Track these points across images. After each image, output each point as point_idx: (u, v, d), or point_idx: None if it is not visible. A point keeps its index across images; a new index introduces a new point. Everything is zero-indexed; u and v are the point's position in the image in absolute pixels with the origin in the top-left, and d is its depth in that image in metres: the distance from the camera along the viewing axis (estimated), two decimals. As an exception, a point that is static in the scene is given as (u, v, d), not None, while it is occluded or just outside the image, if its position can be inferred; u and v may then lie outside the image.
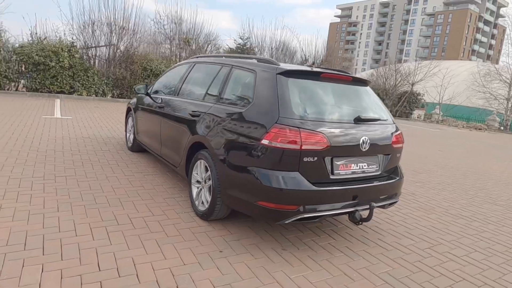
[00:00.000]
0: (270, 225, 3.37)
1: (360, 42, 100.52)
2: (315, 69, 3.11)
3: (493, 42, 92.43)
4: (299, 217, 2.63)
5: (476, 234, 3.76)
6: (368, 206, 2.88)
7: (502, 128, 23.20)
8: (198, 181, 3.41)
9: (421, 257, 3.08)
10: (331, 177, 2.75)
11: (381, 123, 3.15)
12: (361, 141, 2.86)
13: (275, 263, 2.70)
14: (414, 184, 5.69)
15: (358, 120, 2.93)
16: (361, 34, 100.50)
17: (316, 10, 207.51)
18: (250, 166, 2.71)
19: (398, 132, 3.28)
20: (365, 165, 2.98)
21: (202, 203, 3.29)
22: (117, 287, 2.19)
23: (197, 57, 4.46)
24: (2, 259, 2.34)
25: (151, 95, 4.81)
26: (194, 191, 3.45)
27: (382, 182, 3.09)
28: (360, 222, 2.93)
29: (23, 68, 12.58)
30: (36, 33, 12.78)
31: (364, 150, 2.89)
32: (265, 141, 2.62)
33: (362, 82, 3.41)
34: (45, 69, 12.44)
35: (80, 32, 13.68)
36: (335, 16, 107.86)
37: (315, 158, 2.64)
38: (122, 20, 14.03)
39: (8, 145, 5.22)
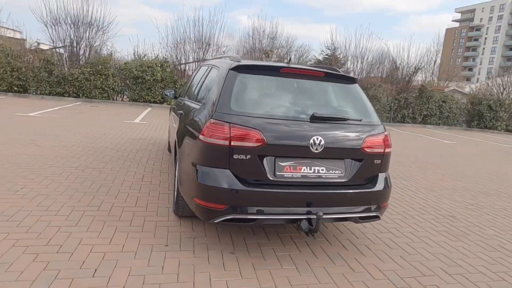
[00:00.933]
0: (239, 228, 3.25)
1: (484, 48, 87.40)
2: (274, 64, 2.91)
3: None
4: (227, 217, 2.48)
5: (502, 272, 2.91)
6: (322, 215, 2.53)
7: None
8: (178, 178, 3.52)
9: (392, 285, 2.55)
10: (271, 178, 2.53)
11: (349, 123, 2.75)
12: (311, 141, 2.54)
13: (209, 264, 2.60)
14: (467, 206, 4.69)
15: (314, 119, 2.62)
16: (485, 39, 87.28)
17: (432, 16, 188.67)
18: (192, 162, 2.69)
19: (378, 135, 2.81)
20: (322, 170, 2.64)
21: (176, 199, 3.38)
22: (47, 260, 2.43)
23: (205, 60, 4.64)
24: (7, 224, 2.84)
25: (178, 98, 5.16)
26: (175, 187, 3.57)
27: (349, 191, 2.68)
28: (311, 233, 2.60)
29: (126, 82, 14.80)
30: (137, 52, 14.96)
31: (316, 151, 2.56)
32: (201, 137, 2.58)
33: (344, 79, 3.05)
34: (142, 82, 14.41)
35: (173, 49, 15.45)
36: (453, 21, 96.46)
37: (248, 156, 2.47)
38: (208, 37, 15.33)
39: (76, 141, 6.23)
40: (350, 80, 3.08)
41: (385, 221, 3.79)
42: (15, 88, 13.57)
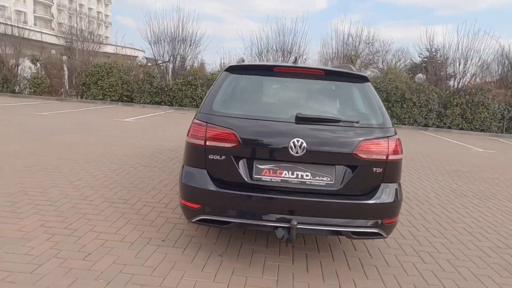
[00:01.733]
0: (243, 232, 3.19)
1: None
2: (268, 64, 2.77)
3: None
4: (201, 217, 2.46)
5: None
6: (296, 225, 2.30)
7: None
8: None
9: (381, 316, 2.15)
10: (248, 181, 2.41)
11: (341, 125, 2.43)
12: (291, 143, 2.34)
13: (191, 264, 2.61)
14: (556, 238, 3.64)
15: (299, 120, 2.40)
16: None
17: None
18: (183, 163, 2.76)
19: (379, 139, 2.41)
20: (307, 175, 2.40)
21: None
22: (57, 241, 2.79)
23: None
24: (32, 207, 3.40)
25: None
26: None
27: (336, 201, 2.37)
28: (290, 243, 2.38)
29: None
30: (223, 63, 15.99)
31: (297, 155, 2.34)
32: (187, 138, 2.64)
33: (351, 77, 2.73)
34: (227, 91, 15.32)
35: (256, 59, 16.03)
36: None
37: (223, 157, 2.41)
38: (290, 46, 15.49)
39: (147, 143, 6.99)
40: (359, 79, 2.74)
41: (419, 243, 3.23)
42: (124, 98, 15.92)
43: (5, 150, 5.56)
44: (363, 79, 2.74)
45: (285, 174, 2.41)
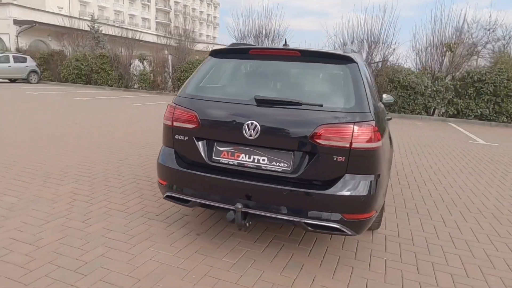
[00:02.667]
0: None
1: None
2: (244, 47, 2.68)
3: None
4: (167, 194, 2.58)
5: None
6: (241, 208, 2.24)
7: None
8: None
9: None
10: (207, 162, 2.42)
11: (302, 109, 2.23)
12: (245, 126, 2.26)
13: (166, 238, 2.77)
14: None
15: (259, 102, 2.30)
16: None
17: None
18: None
19: (341, 124, 2.13)
20: (263, 160, 2.29)
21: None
22: (74, 205, 3.28)
23: None
24: (75, 177, 4.04)
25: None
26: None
27: (291, 188, 2.21)
28: (238, 227, 2.32)
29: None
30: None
31: (251, 138, 2.26)
32: (163, 119, 2.79)
33: (334, 58, 2.48)
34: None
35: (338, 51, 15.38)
36: None
37: (186, 138, 2.47)
38: (377, 36, 14.41)
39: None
40: (342, 60, 2.46)
41: (428, 252, 2.76)
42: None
43: (95, 132, 6.65)
44: (346, 60, 2.46)
45: (242, 158, 2.36)
